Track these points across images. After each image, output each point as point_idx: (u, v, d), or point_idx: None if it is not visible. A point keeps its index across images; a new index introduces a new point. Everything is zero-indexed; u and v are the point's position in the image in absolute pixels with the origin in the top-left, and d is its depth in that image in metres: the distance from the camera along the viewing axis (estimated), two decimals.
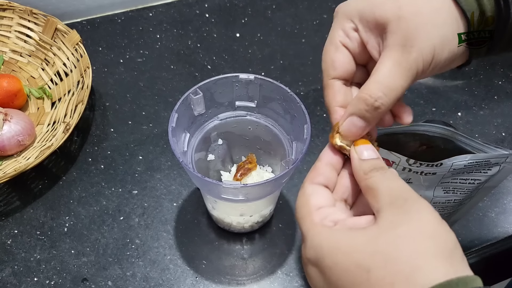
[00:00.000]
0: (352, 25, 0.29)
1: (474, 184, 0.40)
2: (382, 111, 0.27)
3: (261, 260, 0.49)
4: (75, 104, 0.56)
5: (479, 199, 0.43)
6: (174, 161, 0.57)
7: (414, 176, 0.38)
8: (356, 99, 0.28)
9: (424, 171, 0.37)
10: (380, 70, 0.27)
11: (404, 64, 0.26)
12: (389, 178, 0.26)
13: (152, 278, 0.48)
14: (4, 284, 0.47)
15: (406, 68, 0.26)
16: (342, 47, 0.29)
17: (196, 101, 0.43)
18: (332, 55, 0.30)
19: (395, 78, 0.26)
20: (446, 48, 0.27)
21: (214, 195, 0.42)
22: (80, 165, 0.56)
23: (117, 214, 0.52)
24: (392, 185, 0.25)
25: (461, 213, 0.46)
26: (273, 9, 0.75)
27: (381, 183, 0.26)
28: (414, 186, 0.39)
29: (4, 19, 0.64)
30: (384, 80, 0.27)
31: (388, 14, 0.27)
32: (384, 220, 0.24)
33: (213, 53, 0.69)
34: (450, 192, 0.40)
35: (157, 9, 0.75)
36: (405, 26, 0.26)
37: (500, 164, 0.38)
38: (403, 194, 0.25)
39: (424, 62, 0.27)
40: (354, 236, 0.24)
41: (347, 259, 0.23)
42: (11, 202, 0.53)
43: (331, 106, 0.30)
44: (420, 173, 0.38)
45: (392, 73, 0.26)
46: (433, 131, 0.40)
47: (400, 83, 0.27)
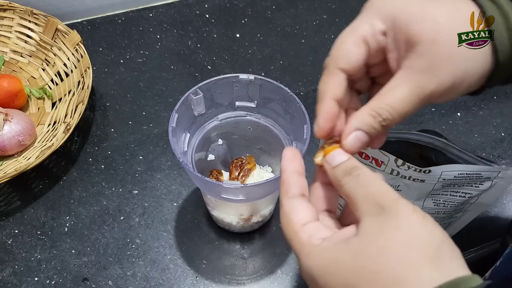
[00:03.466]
0: (382, 27, 0.27)
1: (465, 197, 0.40)
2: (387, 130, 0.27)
3: (261, 260, 0.50)
4: (76, 104, 0.56)
5: (473, 215, 0.43)
6: (174, 161, 0.57)
7: (402, 182, 0.38)
8: (365, 115, 0.27)
9: (412, 176, 0.37)
10: (395, 93, 0.26)
11: (421, 94, 0.26)
12: (364, 182, 0.25)
13: (152, 278, 0.48)
14: (5, 284, 0.47)
15: (421, 97, 0.26)
16: (363, 43, 0.27)
17: (196, 101, 0.43)
18: (350, 47, 0.27)
19: (407, 106, 0.26)
20: (465, 82, 0.26)
21: (214, 195, 0.42)
22: (81, 165, 0.57)
23: (117, 214, 0.52)
24: (368, 191, 0.24)
25: (453, 228, 0.46)
26: (273, 10, 0.76)
27: (355, 190, 0.25)
28: (404, 195, 0.39)
29: (5, 19, 0.64)
30: (396, 105, 0.26)
31: (424, 34, 0.25)
32: (364, 232, 0.23)
33: (213, 53, 0.69)
34: (441, 205, 0.40)
35: (157, 9, 0.75)
36: (435, 53, 0.25)
37: (492, 179, 0.38)
38: (380, 200, 0.23)
39: (440, 94, 0.26)
40: (339, 252, 0.23)
41: (335, 279, 0.23)
42: (12, 202, 0.54)
43: (326, 95, 0.28)
44: (408, 178, 0.37)
45: (406, 99, 0.26)
46: (426, 141, 0.40)
47: (411, 109, 0.26)
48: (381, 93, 0.27)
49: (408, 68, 0.26)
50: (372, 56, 0.28)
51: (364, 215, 0.24)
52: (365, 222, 0.23)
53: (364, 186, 0.24)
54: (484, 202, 0.41)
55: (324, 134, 0.28)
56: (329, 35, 0.73)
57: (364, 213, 0.24)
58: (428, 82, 0.25)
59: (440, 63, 0.25)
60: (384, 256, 0.22)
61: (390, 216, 0.23)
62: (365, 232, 0.23)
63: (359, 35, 0.27)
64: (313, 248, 0.24)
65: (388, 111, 0.26)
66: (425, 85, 0.25)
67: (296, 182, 0.27)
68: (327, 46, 0.71)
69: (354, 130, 0.27)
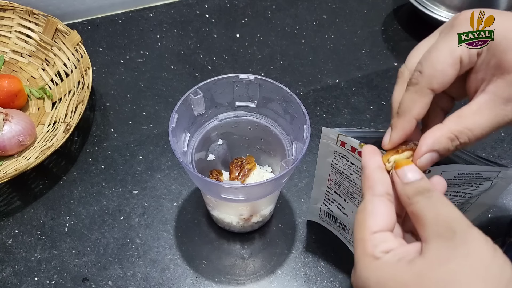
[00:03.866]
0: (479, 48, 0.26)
1: (465, 197, 0.39)
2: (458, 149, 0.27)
3: (261, 260, 0.50)
4: (76, 104, 0.56)
5: (473, 215, 0.43)
6: (174, 161, 0.57)
7: None
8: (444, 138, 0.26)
9: None
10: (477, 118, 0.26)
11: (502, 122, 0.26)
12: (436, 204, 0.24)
13: (152, 278, 0.48)
14: (5, 284, 0.47)
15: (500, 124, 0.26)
16: (459, 63, 0.26)
17: (196, 101, 0.43)
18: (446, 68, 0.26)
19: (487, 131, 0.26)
20: None
21: (214, 195, 0.42)
22: (81, 165, 0.57)
23: (117, 214, 0.52)
24: (440, 213, 0.24)
25: None
26: (273, 10, 0.76)
27: (427, 210, 0.24)
28: None
29: (5, 19, 0.64)
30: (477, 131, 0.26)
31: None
32: (431, 255, 0.23)
33: (213, 53, 0.69)
34: None
35: (157, 9, 0.75)
36: None
37: (492, 179, 0.38)
38: (452, 224, 0.23)
39: None
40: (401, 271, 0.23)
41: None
42: (12, 202, 0.54)
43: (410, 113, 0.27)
44: None
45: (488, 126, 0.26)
46: None
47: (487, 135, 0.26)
48: (462, 115, 0.26)
49: (493, 94, 0.26)
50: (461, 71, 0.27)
51: (432, 236, 0.23)
52: (433, 244, 0.23)
53: (437, 207, 0.24)
54: (484, 202, 0.41)
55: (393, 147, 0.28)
56: (329, 35, 0.73)
57: (433, 234, 0.23)
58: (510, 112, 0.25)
59: None
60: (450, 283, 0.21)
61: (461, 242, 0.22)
62: (433, 255, 0.23)
63: (457, 56, 0.26)
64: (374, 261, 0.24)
65: (467, 135, 0.26)
66: (507, 114, 0.25)
67: (381, 178, 0.27)
68: (327, 46, 0.71)
69: (430, 151, 0.27)
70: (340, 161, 0.41)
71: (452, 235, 0.22)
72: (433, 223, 0.23)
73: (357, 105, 0.63)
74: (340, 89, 0.65)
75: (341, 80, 0.66)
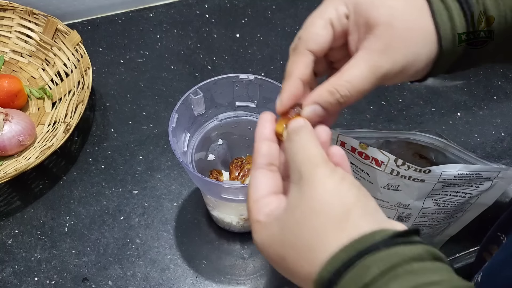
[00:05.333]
0: (345, 10, 0.29)
1: (465, 197, 0.39)
2: (343, 107, 0.29)
3: (261, 260, 0.50)
4: (76, 104, 0.56)
5: (473, 215, 0.43)
6: (174, 161, 0.57)
7: (402, 182, 0.38)
8: (324, 91, 0.28)
9: (412, 176, 0.37)
10: (353, 70, 0.28)
11: (376, 71, 0.28)
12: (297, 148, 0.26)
13: (152, 278, 0.48)
14: (5, 284, 0.47)
15: (377, 75, 0.28)
16: (330, 26, 0.29)
17: (196, 101, 0.43)
18: (318, 29, 0.29)
19: (365, 83, 0.28)
20: (415, 65, 0.28)
21: (214, 195, 0.42)
22: (81, 165, 0.57)
23: (117, 214, 0.52)
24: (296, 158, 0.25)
25: (454, 228, 0.46)
26: (273, 10, 0.76)
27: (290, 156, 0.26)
28: (404, 195, 0.39)
29: (5, 19, 0.64)
30: (354, 82, 0.28)
31: (381, 18, 0.28)
32: (287, 204, 0.25)
33: (213, 53, 0.69)
34: (441, 205, 0.40)
35: (157, 9, 0.75)
36: (391, 35, 0.27)
37: (492, 180, 0.38)
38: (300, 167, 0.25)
39: (394, 74, 0.28)
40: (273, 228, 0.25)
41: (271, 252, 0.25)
42: (12, 202, 0.54)
43: (293, 74, 0.30)
44: (408, 177, 0.37)
45: (364, 77, 0.28)
46: (426, 141, 0.40)
47: (367, 87, 0.28)
48: (341, 71, 0.28)
49: (366, 49, 0.28)
50: (336, 39, 0.30)
51: (291, 183, 0.25)
52: (290, 192, 0.25)
53: (295, 153, 0.26)
54: (484, 202, 0.41)
55: (285, 110, 0.30)
56: None
57: (291, 181, 0.25)
58: (384, 61, 0.27)
59: (395, 45, 0.27)
60: (300, 228, 0.23)
61: (305, 184, 0.24)
62: (288, 204, 0.25)
63: (326, 18, 0.29)
64: (259, 224, 0.26)
65: (346, 87, 0.28)
66: (381, 65, 0.27)
67: (263, 150, 0.28)
68: None
69: (312, 104, 0.29)
70: None
71: (299, 179, 0.24)
72: (292, 168, 0.25)
73: (357, 105, 0.63)
74: None
75: None
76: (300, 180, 0.24)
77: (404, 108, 0.63)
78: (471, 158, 0.39)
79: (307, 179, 0.24)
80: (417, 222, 0.42)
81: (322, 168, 0.24)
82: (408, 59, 0.28)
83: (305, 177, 0.24)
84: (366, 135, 0.40)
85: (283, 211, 0.25)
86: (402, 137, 0.40)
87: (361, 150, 0.38)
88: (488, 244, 0.41)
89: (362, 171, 0.40)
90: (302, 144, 0.26)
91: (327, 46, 0.30)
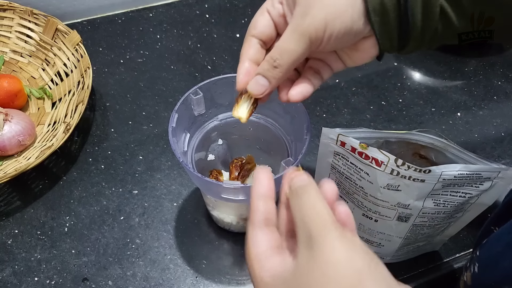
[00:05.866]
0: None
1: (465, 198, 0.39)
2: (280, 71, 0.31)
3: None
4: (76, 104, 0.56)
5: (472, 215, 0.43)
6: (174, 161, 0.57)
7: (402, 182, 0.38)
8: (264, 62, 0.32)
9: (412, 176, 0.37)
10: (282, 37, 0.31)
11: (299, 29, 0.30)
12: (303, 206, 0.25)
13: (152, 278, 0.48)
14: (5, 284, 0.47)
15: (300, 33, 0.30)
16: (266, 13, 0.34)
17: (196, 101, 0.43)
18: (257, 17, 0.34)
19: (289, 43, 0.31)
20: (338, 19, 0.30)
21: (214, 195, 0.42)
22: (81, 165, 0.57)
23: (117, 214, 0.52)
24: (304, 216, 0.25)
25: (453, 228, 0.46)
26: None
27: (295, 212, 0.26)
28: (404, 195, 0.39)
29: (5, 19, 0.64)
30: (281, 44, 0.31)
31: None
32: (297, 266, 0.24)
33: (213, 53, 0.69)
34: (441, 205, 0.40)
35: (157, 9, 0.75)
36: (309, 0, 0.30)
37: (492, 180, 0.38)
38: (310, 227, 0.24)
39: (317, 29, 0.30)
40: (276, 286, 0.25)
41: None
42: (12, 202, 0.54)
43: (243, 56, 0.34)
44: (408, 177, 0.37)
45: (288, 38, 0.31)
46: (426, 141, 0.40)
47: (293, 47, 0.30)
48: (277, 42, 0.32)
49: (292, 17, 0.31)
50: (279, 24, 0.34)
51: (299, 243, 0.25)
52: (299, 255, 0.24)
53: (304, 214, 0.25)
54: (484, 202, 0.41)
55: (242, 87, 0.34)
56: None
57: (299, 241, 0.25)
58: (303, 20, 0.30)
59: (313, 5, 0.30)
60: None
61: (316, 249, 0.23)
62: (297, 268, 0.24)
63: (263, 8, 0.34)
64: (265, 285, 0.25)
65: (276, 51, 0.31)
66: (301, 23, 0.30)
67: (262, 208, 0.28)
68: None
69: (256, 75, 0.32)
70: (340, 161, 0.41)
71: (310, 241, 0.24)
72: (299, 227, 0.25)
73: (357, 105, 0.63)
74: (340, 89, 0.65)
75: (341, 80, 0.66)
76: (310, 242, 0.24)
77: (404, 108, 0.63)
78: (471, 158, 0.39)
79: (318, 243, 0.23)
80: (417, 222, 0.42)
81: (333, 232, 0.24)
82: (328, 12, 0.30)
83: (315, 239, 0.24)
84: (366, 135, 0.40)
85: (291, 275, 0.24)
86: (402, 137, 0.40)
87: (361, 150, 0.38)
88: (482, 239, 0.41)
89: (362, 171, 0.40)
90: (312, 204, 0.25)
91: (268, 30, 0.34)
